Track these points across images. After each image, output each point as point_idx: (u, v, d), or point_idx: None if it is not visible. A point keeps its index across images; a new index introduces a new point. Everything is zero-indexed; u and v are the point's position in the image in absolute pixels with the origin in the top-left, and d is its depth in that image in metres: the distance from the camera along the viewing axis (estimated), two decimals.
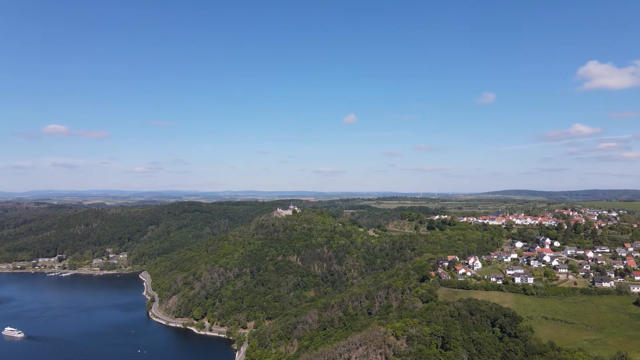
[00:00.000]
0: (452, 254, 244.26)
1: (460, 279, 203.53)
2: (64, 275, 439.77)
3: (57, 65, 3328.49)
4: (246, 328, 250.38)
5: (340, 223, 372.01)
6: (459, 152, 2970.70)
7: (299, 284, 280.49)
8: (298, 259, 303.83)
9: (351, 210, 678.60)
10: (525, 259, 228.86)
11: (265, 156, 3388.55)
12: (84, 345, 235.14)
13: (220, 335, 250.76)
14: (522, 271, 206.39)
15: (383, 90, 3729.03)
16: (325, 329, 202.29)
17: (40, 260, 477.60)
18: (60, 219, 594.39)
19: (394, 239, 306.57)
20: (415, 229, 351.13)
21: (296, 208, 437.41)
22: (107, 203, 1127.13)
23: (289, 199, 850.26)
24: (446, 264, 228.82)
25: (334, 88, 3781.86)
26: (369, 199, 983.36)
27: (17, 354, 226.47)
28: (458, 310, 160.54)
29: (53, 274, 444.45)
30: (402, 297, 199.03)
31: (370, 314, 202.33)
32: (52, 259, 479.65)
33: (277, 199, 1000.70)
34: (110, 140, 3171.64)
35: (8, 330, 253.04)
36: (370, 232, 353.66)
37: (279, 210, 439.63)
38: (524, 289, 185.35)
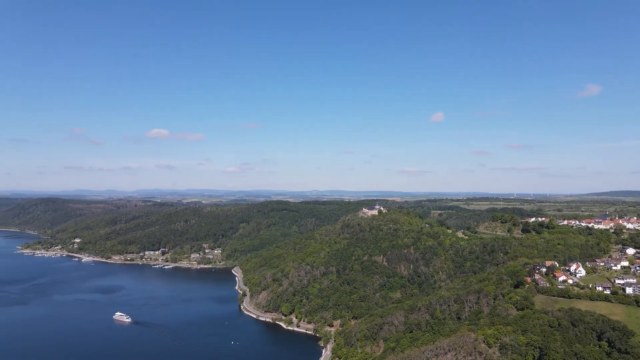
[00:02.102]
0: (550, 259, 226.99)
1: (560, 287, 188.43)
2: (166, 267, 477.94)
3: (158, 71, 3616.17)
4: (332, 326, 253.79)
5: (428, 224, 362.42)
6: (558, 150, 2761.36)
7: (384, 285, 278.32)
8: (384, 260, 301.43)
9: (439, 211, 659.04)
10: (638, 268, 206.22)
11: (350, 156, 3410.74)
12: (183, 332, 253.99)
13: (308, 331, 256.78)
14: (634, 281, 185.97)
15: (472, 86, 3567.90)
16: (412, 331, 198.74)
17: (146, 253, 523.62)
18: (163, 215, 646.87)
19: (484, 242, 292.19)
20: (508, 231, 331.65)
21: (382, 208, 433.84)
22: (203, 201, 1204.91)
23: (375, 198, 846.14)
24: (544, 269, 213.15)
25: (421, 86, 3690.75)
26: (457, 200, 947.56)
27: (125, 337, 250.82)
28: (558, 320, 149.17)
29: (157, 266, 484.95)
30: (494, 302, 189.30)
31: (459, 318, 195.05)
32: (157, 252, 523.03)
33: (362, 198, 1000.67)
34: (205, 143, 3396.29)
35: (118, 315, 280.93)
36: (459, 234, 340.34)
37: (364, 210, 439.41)
38: (637, 301, 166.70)
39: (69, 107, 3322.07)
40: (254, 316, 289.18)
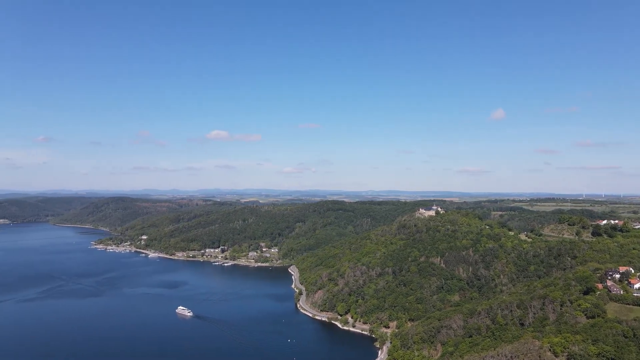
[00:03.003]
0: (624, 265, 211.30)
1: (636, 294, 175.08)
2: (226, 265, 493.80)
3: (218, 74, 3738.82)
4: (388, 327, 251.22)
5: (488, 225, 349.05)
6: (635, 148, 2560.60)
7: (442, 287, 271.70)
8: (441, 261, 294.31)
9: (500, 212, 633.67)
10: None
11: (407, 156, 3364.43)
12: (242, 328, 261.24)
13: (363, 332, 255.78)
14: None
15: (535, 82, 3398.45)
16: (471, 336, 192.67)
17: (207, 250, 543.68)
18: (222, 214, 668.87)
19: (550, 245, 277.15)
20: (576, 234, 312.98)
21: (439, 208, 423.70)
22: (260, 201, 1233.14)
23: (432, 199, 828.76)
24: (617, 276, 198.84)
25: (481, 82, 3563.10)
26: (520, 201, 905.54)
27: (187, 329, 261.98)
28: (633, 331, 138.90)
29: (217, 263, 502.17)
30: (560, 309, 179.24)
31: (522, 325, 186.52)
32: (216, 250, 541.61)
33: (419, 199, 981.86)
34: (263, 143, 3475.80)
35: (180, 309, 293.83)
36: (522, 236, 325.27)
37: (421, 210, 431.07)
38: None
39: (137, 111, 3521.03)
40: (310, 315, 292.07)
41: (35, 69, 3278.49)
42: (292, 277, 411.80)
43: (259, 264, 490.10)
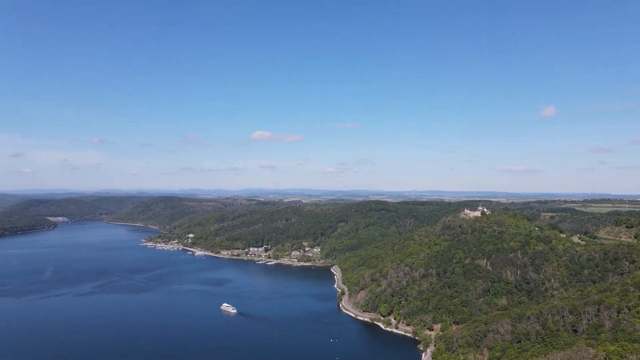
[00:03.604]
0: None
1: None
2: (269, 264, 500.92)
3: (258, 75, 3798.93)
4: (432, 330, 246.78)
5: (537, 227, 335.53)
6: None
7: (489, 290, 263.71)
8: (488, 264, 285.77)
9: (550, 214, 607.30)
10: None
11: (451, 155, 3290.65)
12: (284, 326, 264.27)
13: (406, 334, 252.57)
14: None
15: (590, 78, 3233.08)
16: (520, 341, 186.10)
17: (251, 249, 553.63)
18: (265, 214, 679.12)
19: (606, 248, 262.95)
20: (635, 237, 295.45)
21: (485, 209, 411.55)
22: (303, 201, 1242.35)
23: (477, 199, 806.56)
24: None
25: (530, 79, 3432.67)
26: (572, 201, 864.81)
27: (231, 326, 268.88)
28: None
29: (260, 262, 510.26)
30: (617, 316, 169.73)
31: (575, 331, 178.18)
32: (260, 249, 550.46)
33: (464, 199, 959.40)
34: (304, 143, 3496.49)
35: (225, 306, 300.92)
36: (575, 239, 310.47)
37: (466, 211, 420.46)
38: None
39: (185, 114, 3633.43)
40: (352, 315, 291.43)
41: (91, 74, 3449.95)
42: (335, 277, 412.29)
43: (302, 264, 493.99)
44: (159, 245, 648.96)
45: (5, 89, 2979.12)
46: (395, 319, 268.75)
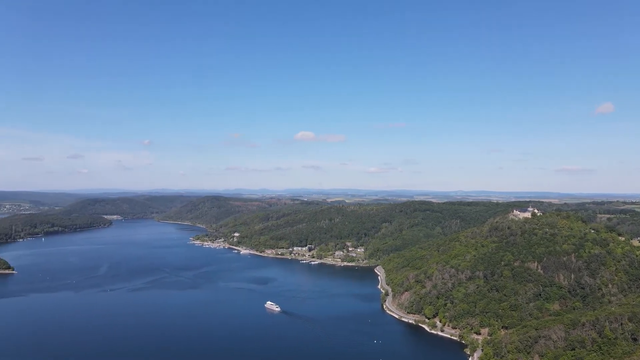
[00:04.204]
0: None
1: None
2: (312, 263, 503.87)
3: (301, 75, 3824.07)
4: (480, 334, 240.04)
5: (593, 229, 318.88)
6: None
7: (540, 294, 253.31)
8: (539, 267, 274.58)
9: (607, 215, 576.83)
10: None
11: (499, 154, 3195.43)
12: (328, 326, 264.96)
13: (452, 337, 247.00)
14: None
15: None
16: (574, 349, 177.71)
17: (295, 248, 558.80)
18: (309, 213, 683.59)
19: None
20: None
21: (536, 210, 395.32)
22: (346, 201, 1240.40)
23: (527, 200, 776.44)
24: None
25: (585, 74, 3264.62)
26: (632, 202, 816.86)
27: (274, 324, 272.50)
28: None
29: (304, 261, 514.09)
30: None
31: (635, 340, 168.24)
32: (303, 249, 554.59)
33: (512, 200, 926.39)
34: (347, 143, 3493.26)
35: (269, 304, 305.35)
36: (635, 242, 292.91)
37: (515, 212, 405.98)
38: None
39: (230, 115, 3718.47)
40: (396, 316, 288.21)
41: (141, 78, 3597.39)
42: (378, 277, 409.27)
43: (345, 264, 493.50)
44: (206, 243, 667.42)
45: (66, 93, 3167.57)
46: (440, 322, 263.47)
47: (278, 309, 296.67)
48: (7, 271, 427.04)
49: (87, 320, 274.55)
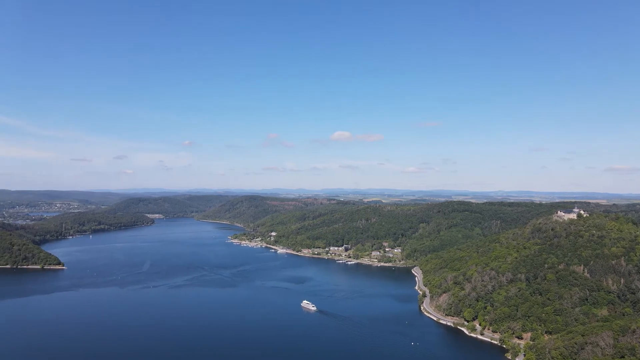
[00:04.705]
0: None
1: None
2: (349, 263, 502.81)
3: (338, 77, 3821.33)
4: (522, 338, 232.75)
5: None
6: None
7: (586, 299, 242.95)
8: (585, 270, 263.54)
9: None
10: None
11: (542, 153, 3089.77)
12: (364, 326, 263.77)
13: (493, 341, 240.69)
14: None
15: None
16: (623, 356, 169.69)
17: (331, 248, 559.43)
18: (346, 213, 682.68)
19: None
20: None
21: (582, 211, 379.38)
22: (383, 201, 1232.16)
23: (572, 200, 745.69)
24: None
25: (634, 68, 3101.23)
26: None
27: (311, 323, 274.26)
28: None
29: (340, 261, 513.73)
30: None
31: None
32: (340, 248, 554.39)
33: (556, 200, 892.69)
34: (385, 143, 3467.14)
35: (305, 303, 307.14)
36: None
37: (559, 213, 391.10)
38: None
39: (267, 115, 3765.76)
40: (434, 318, 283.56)
41: (181, 80, 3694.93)
42: (416, 278, 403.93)
43: (382, 264, 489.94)
44: (244, 242, 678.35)
45: (111, 97, 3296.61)
46: (480, 325, 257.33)
47: (314, 308, 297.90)
48: (58, 267, 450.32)
49: (131, 316, 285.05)
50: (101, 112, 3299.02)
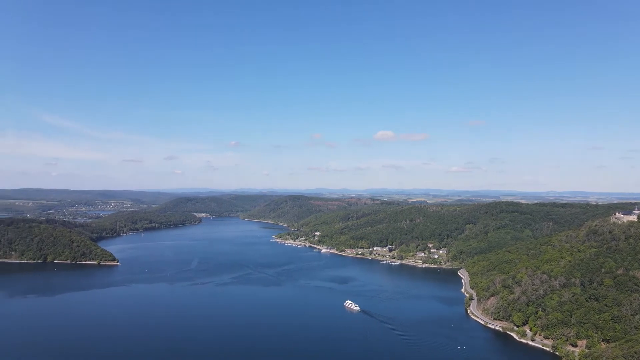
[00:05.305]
0: None
1: None
2: (393, 264, 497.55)
3: (380, 75, 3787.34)
4: (576, 346, 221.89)
5: None
6: None
7: None
8: None
9: None
10: None
11: (599, 152, 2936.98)
12: (408, 327, 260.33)
13: (545, 348, 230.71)
14: None
15: None
16: None
17: (375, 248, 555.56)
18: (389, 214, 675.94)
19: None
20: None
21: None
22: (427, 201, 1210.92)
23: (632, 201, 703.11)
24: None
25: None
26: None
27: (353, 322, 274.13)
28: None
29: (384, 262, 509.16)
30: None
31: None
32: (384, 249, 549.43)
33: (614, 201, 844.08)
34: (430, 142, 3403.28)
35: (348, 303, 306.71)
36: None
37: (618, 214, 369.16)
38: None
39: (311, 116, 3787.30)
40: (482, 322, 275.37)
41: (228, 83, 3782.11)
42: (462, 280, 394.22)
43: (427, 265, 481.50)
44: (288, 242, 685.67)
45: (160, 99, 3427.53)
46: (531, 331, 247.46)
47: (357, 308, 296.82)
48: (113, 263, 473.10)
49: (180, 312, 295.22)
50: (152, 115, 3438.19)
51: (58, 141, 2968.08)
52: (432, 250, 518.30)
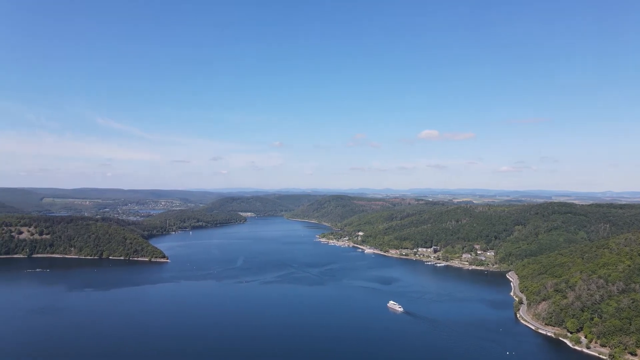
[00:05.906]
0: None
1: None
2: (438, 265, 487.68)
3: (423, 74, 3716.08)
4: (635, 355, 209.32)
5: None
6: None
7: None
8: None
9: None
10: None
11: None
12: (453, 330, 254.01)
13: (601, 356, 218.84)
14: None
15: None
16: None
17: (419, 249, 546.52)
18: (434, 214, 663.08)
19: None
20: None
21: None
22: (474, 201, 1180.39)
23: None
24: None
25: None
26: None
27: (397, 323, 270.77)
28: None
29: (429, 263, 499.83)
30: None
31: None
32: (428, 250, 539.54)
33: None
34: (476, 141, 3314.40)
35: (391, 303, 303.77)
36: None
37: None
38: None
39: (354, 116, 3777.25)
40: (532, 327, 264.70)
41: (270, 84, 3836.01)
42: (511, 284, 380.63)
43: (473, 267, 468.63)
44: (331, 241, 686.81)
45: (205, 101, 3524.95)
46: (586, 338, 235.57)
47: (401, 309, 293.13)
48: (162, 260, 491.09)
49: (227, 309, 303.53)
50: (199, 117, 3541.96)
51: (112, 143, 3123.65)
52: (478, 252, 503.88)
